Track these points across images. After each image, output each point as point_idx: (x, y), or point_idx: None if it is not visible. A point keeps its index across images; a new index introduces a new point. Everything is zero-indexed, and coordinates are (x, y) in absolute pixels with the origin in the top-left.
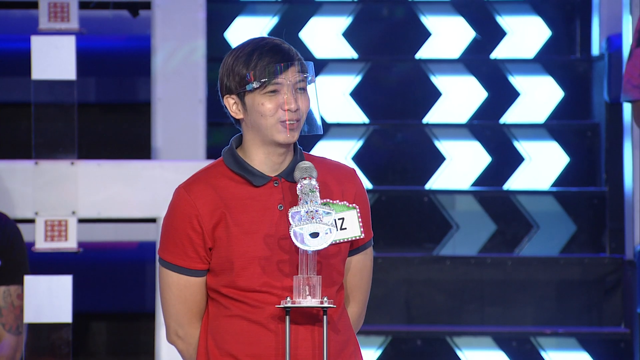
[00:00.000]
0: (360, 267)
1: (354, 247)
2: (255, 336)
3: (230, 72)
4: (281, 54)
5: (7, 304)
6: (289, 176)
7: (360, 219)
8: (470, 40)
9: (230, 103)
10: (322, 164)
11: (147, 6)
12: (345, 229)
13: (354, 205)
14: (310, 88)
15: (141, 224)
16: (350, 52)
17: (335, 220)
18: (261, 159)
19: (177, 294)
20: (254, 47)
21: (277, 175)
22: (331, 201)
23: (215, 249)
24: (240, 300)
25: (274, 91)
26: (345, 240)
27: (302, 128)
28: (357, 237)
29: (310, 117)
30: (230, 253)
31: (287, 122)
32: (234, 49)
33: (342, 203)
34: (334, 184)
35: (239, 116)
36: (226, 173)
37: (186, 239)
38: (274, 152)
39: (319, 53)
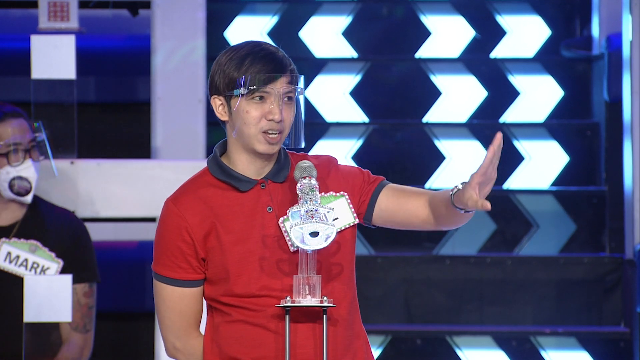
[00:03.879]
0: (398, 190)
1: (371, 195)
2: (258, 339)
3: (221, 73)
4: (274, 63)
5: (73, 302)
6: (275, 177)
7: (351, 205)
8: (470, 40)
9: (217, 104)
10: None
11: (147, 5)
12: (337, 218)
13: (341, 193)
14: (298, 99)
15: (141, 223)
16: (350, 52)
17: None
18: (244, 163)
19: (172, 307)
20: (248, 51)
21: (263, 177)
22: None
23: (209, 259)
24: (241, 307)
25: (261, 98)
26: (341, 229)
27: (287, 141)
28: (352, 224)
29: (295, 129)
30: (225, 261)
31: (269, 134)
32: (230, 48)
33: (329, 194)
34: (321, 178)
35: (224, 118)
36: (212, 182)
37: (177, 251)
38: (256, 159)
39: (318, 52)
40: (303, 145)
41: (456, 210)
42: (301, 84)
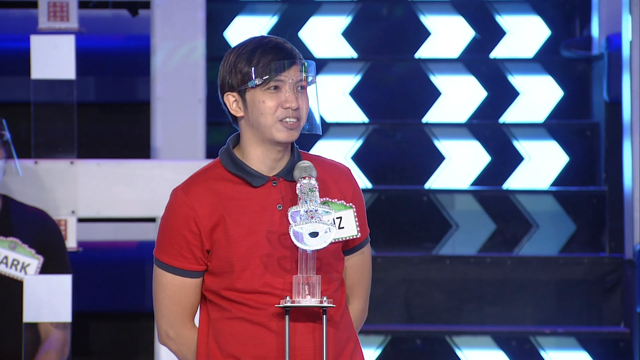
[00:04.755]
0: (359, 264)
1: (350, 246)
2: (258, 337)
3: (232, 69)
4: (284, 52)
5: None
6: (287, 175)
7: (356, 218)
8: (469, 40)
9: (231, 100)
10: (318, 162)
11: (147, 5)
12: (343, 228)
13: (350, 204)
14: (310, 88)
15: (140, 223)
16: (349, 52)
17: (333, 219)
18: (259, 157)
19: (171, 295)
20: (256, 44)
21: (276, 174)
22: (329, 200)
23: (214, 251)
24: (241, 303)
25: (275, 87)
26: (343, 239)
27: (302, 127)
28: (354, 237)
29: (310, 116)
30: (230, 255)
31: (287, 121)
32: (236, 46)
33: (340, 202)
34: (331, 182)
35: (239, 114)
36: (224, 174)
37: (183, 240)
38: (271, 150)
39: (318, 52)
40: (320, 132)
41: None
42: (313, 71)
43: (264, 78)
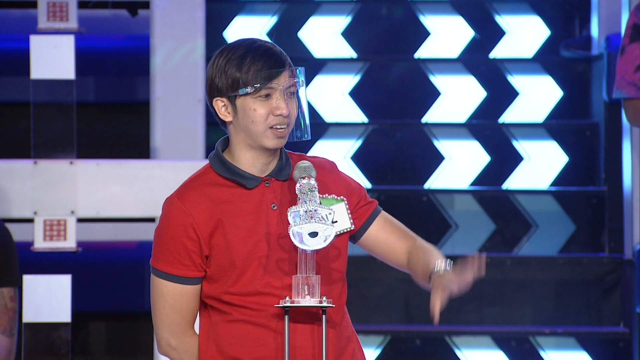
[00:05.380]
0: (389, 223)
1: (367, 217)
2: (259, 339)
3: (222, 74)
4: (274, 59)
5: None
6: (278, 175)
7: (349, 211)
8: (469, 40)
9: (219, 105)
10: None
11: (146, 5)
12: (336, 221)
13: (341, 197)
14: (300, 92)
15: (140, 223)
16: (349, 52)
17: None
18: (249, 161)
19: (172, 304)
20: (245, 49)
21: (267, 175)
22: (320, 196)
23: (213, 256)
24: (242, 305)
25: (267, 95)
26: (337, 234)
27: (294, 134)
28: (348, 229)
29: (300, 121)
30: (230, 258)
31: (277, 128)
32: (224, 49)
33: (330, 197)
34: (319, 179)
35: (228, 119)
36: (216, 179)
37: (182, 248)
38: (262, 155)
39: (317, 52)
40: (309, 137)
41: (428, 284)
42: (302, 76)
43: (256, 86)
